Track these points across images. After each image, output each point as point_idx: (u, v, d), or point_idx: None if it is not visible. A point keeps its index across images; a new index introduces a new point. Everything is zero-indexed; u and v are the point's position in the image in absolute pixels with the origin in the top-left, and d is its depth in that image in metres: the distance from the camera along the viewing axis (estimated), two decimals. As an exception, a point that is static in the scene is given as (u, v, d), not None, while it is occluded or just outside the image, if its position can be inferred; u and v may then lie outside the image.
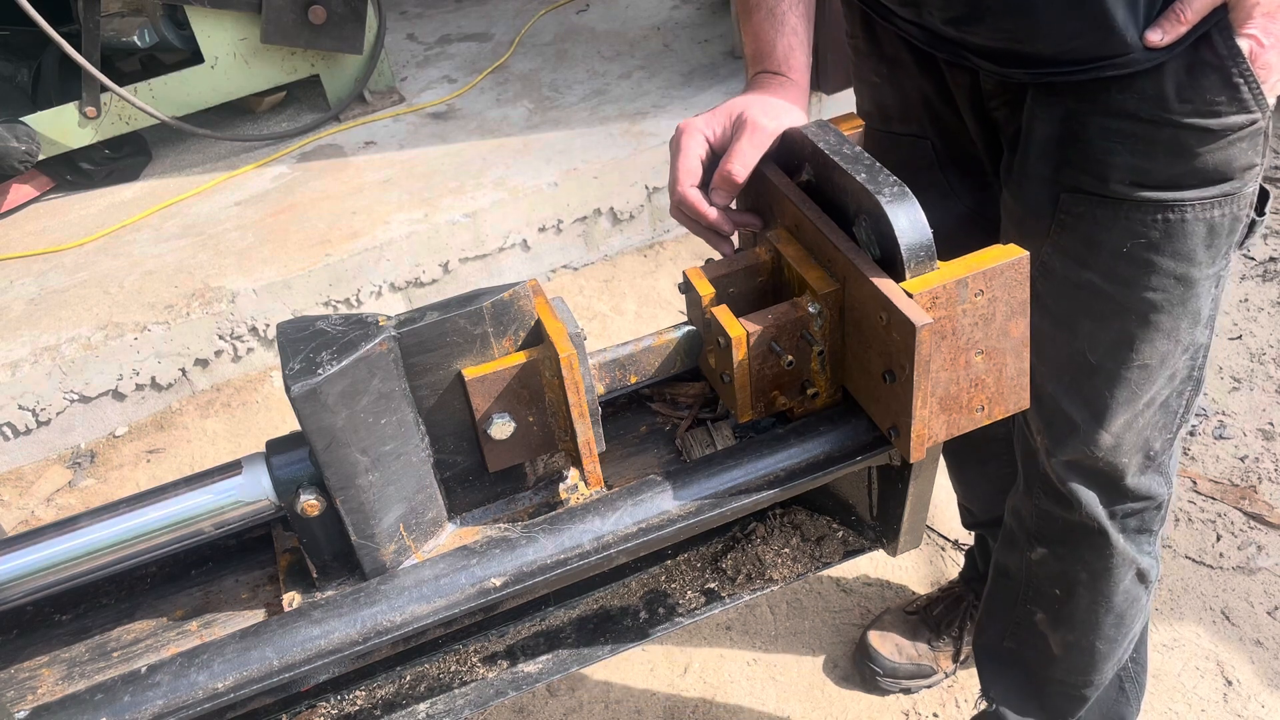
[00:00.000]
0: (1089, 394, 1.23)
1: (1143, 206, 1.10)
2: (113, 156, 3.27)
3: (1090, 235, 1.14)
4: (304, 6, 3.17)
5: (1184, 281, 1.13)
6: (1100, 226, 1.13)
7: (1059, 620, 1.47)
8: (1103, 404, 1.22)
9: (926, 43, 1.18)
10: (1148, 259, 1.12)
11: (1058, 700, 1.57)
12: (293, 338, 0.84)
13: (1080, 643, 1.47)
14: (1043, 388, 1.27)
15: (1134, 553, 1.38)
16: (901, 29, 1.20)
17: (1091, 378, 1.22)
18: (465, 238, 2.91)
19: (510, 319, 0.89)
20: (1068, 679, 1.53)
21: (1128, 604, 1.43)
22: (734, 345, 0.94)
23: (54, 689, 0.91)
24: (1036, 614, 1.49)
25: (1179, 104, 1.04)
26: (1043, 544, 1.42)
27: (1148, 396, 1.23)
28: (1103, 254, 1.14)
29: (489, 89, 3.58)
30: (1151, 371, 1.20)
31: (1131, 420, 1.24)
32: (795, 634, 2.04)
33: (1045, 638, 1.50)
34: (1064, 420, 1.26)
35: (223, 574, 1.01)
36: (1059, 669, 1.52)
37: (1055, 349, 1.23)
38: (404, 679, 1.11)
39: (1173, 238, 1.11)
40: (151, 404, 2.76)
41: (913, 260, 0.87)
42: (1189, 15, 0.99)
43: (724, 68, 3.48)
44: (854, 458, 0.99)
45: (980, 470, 1.77)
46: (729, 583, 1.16)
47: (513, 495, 0.99)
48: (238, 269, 2.80)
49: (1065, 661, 1.50)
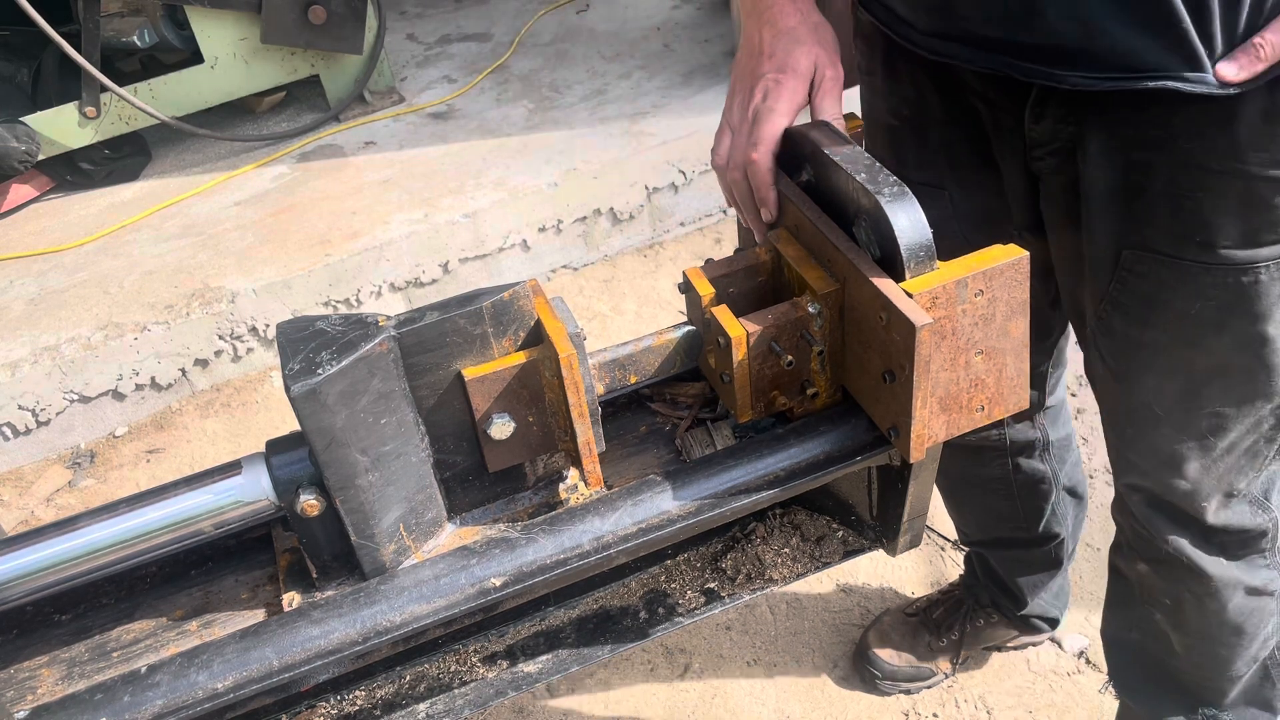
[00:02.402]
0: (1156, 442, 1.16)
1: (1213, 269, 1.00)
2: (113, 156, 3.27)
3: (1154, 295, 1.05)
4: (304, 6, 3.17)
5: (1259, 340, 1.04)
6: (1165, 287, 1.04)
7: (1174, 625, 1.40)
8: (1172, 452, 1.16)
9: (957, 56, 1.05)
10: (1218, 320, 1.03)
11: (1192, 692, 1.47)
12: (292, 338, 0.84)
13: (1199, 646, 1.40)
14: (1109, 433, 1.22)
15: (1239, 574, 1.29)
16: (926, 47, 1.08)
17: (1158, 428, 1.15)
18: (465, 238, 2.91)
19: (510, 319, 0.89)
20: (1195, 673, 1.45)
21: (1245, 616, 1.34)
22: (734, 345, 0.94)
23: (54, 689, 0.91)
24: (1155, 614, 1.41)
25: (1253, 154, 0.94)
26: (1143, 561, 1.36)
27: (1225, 443, 1.15)
28: (1168, 315, 1.05)
29: (489, 89, 3.58)
30: (1226, 420, 1.12)
31: (1207, 466, 1.16)
32: (795, 634, 2.04)
33: (1166, 634, 1.42)
34: (1130, 466, 1.22)
35: (223, 574, 1.01)
36: (1184, 664, 1.44)
37: (1116, 401, 1.18)
38: (404, 679, 1.11)
39: (1246, 299, 1.01)
40: (151, 404, 2.76)
41: (912, 260, 0.87)
42: (1268, 52, 0.88)
43: (724, 68, 3.48)
44: (854, 458, 0.99)
45: (979, 503, 1.75)
46: (729, 583, 1.16)
47: (513, 495, 0.99)
48: (238, 269, 2.80)
49: (1188, 659, 1.43)
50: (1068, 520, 1.74)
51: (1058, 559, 1.77)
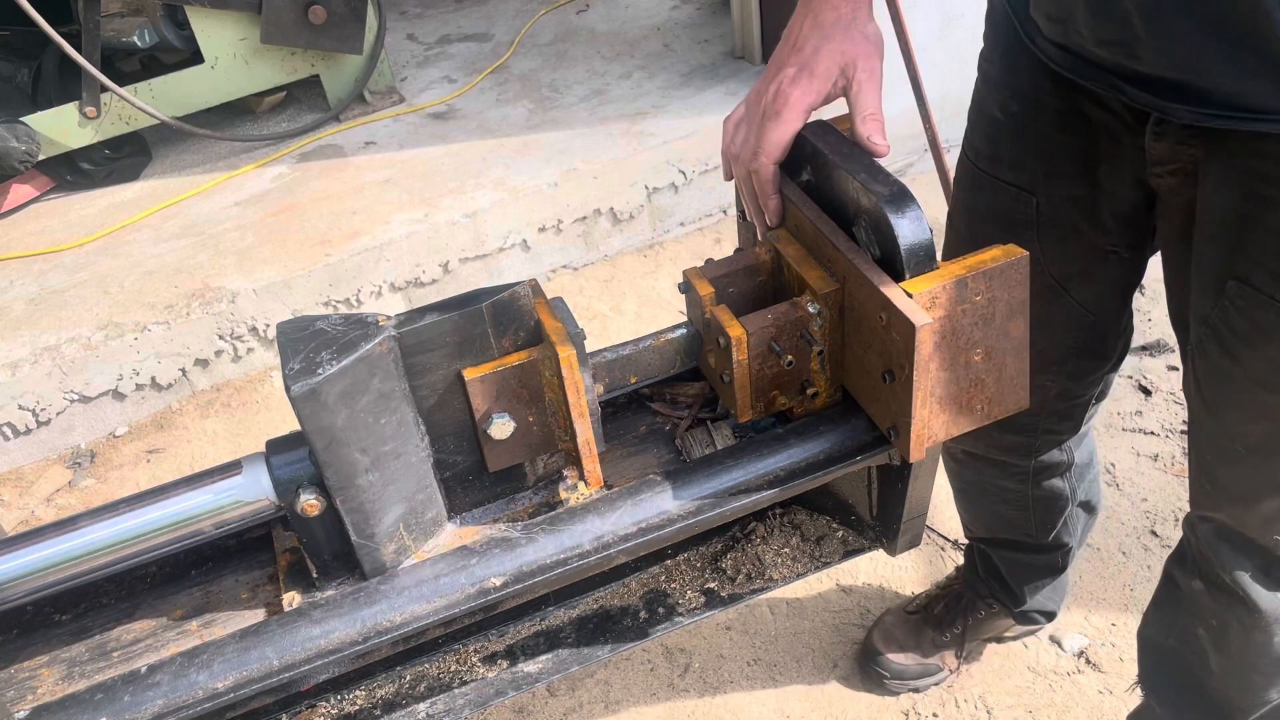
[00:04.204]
0: (1235, 476, 1.16)
1: None
2: (113, 156, 3.27)
3: (1250, 333, 1.02)
4: (304, 6, 3.17)
5: None
6: (1262, 328, 1.01)
7: (1216, 646, 1.39)
8: (1250, 488, 1.15)
9: (1073, 70, 1.03)
10: None
11: (1222, 710, 1.46)
12: (292, 338, 0.84)
13: (1237, 670, 1.40)
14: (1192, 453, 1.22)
15: None
16: (1048, 55, 1.06)
17: (1238, 464, 1.14)
18: (465, 238, 2.91)
19: (510, 319, 0.89)
20: (1226, 693, 1.44)
21: None
22: (734, 345, 0.94)
23: (54, 689, 0.91)
24: (1199, 629, 1.40)
25: None
26: (1200, 579, 1.35)
27: None
28: (1259, 358, 1.03)
29: (489, 89, 3.58)
30: None
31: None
32: (795, 634, 2.04)
33: (1206, 651, 1.41)
34: (1208, 492, 1.21)
35: (223, 574, 1.01)
36: (1218, 682, 1.43)
37: (1201, 428, 1.17)
38: (404, 679, 1.11)
39: None
40: (151, 404, 2.76)
41: (912, 260, 0.87)
42: None
43: (724, 68, 3.48)
44: (854, 458, 0.99)
45: (991, 511, 1.74)
46: (729, 583, 1.16)
47: (512, 495, 0.99)
48: (238, 269, 2.80)
49: (1223, 679, 1.42)
50: (1077, 531, 1.74)
51: (1062, 566, 1.78)
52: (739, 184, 1.07)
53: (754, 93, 1.06)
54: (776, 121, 1.00)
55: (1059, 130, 1.13)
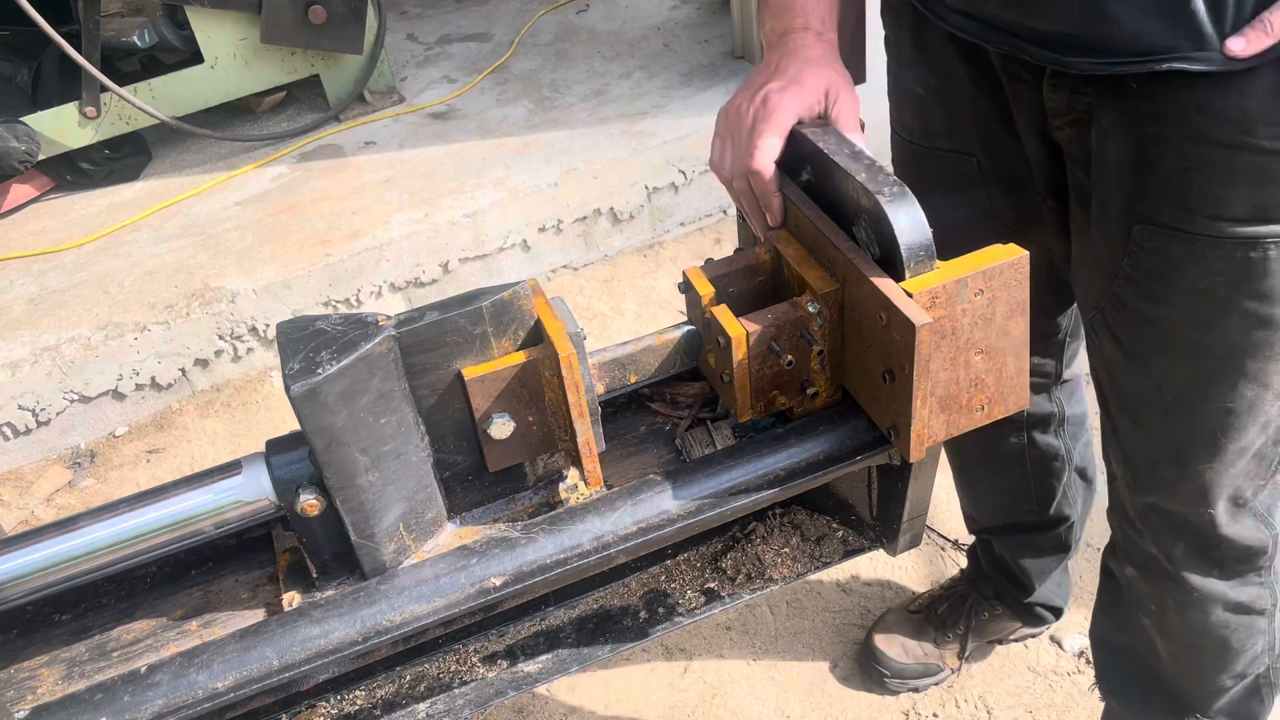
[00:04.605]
0: (1165, 435, 1.17)
1: (1222, 243, 1.01)
2: (113, 156, 3.27)
3: (1165, 271, 1.06)
4: (304, 6, 3.17)
5: (1267, 324, 1.05)
6: (1176, 262, 1.05)
7: (1161, 632, 1.41)
8: (1181, 448, 1.16)
9: (978, 35, 1.08)
10: (1227, 298, 1.04)
11: (1177, 699, 1.48)
12: (292, 337, 0.84)
13: (1184, 655, 1.41)
14: (1118, 420, 1.23)
15: (1224, 590, 1.30)
16: (953, 24, 1.11)
17: (1168, 417, 1.16)
18: (465, 238, 2.91)
19: (510, 319, 0.89)
20: (1180, 681, 1.46)
21: (1230, 632, 1.35)
22: (734, 345, 0.94)
23: (54, 689, 0.91)
24: (1142, 618, 1.42)
25: (1264, 127, 0.95)
26: (1131, 565, 1.37)
27: (1236, 445, 1.15)
28: (1178, 291, 1.06)
29: (489, 89, 3.58)
30: (1238, 417, 1.12)
31: (1219, 470, 1.16)
32: (795, 634, 2.04)
33: (1153, 640, 1.43)
34: (1141, 458, 1.22)
35: (223, 574, 1.01)
36: (1169, 670, 1.45)
37: (1129, 383, 1.18)
38: (404, 679, 1.11)
39: (1254, 276, 1.02)
40: (151, 404, 2.76)
41: (912, 260, 0.87)
42: (1277, 28, 0.89)
43: (724, 68, 3.48)
44: (854, 457, 0.99)
45: (991, 483, 1.75)
46: (729, 583, 1.16)
47: (512, 495, 0.99)
48: (238, 269, 2.80)
49: (1174, 666, 1.44)
50: (1078, 503, 1.75)
51: (1066, 543, 1.78)
52: (737, 196, 1.07)
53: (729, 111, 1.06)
54: (769, 122, 1.00)
55: (977, 94, 1.18)
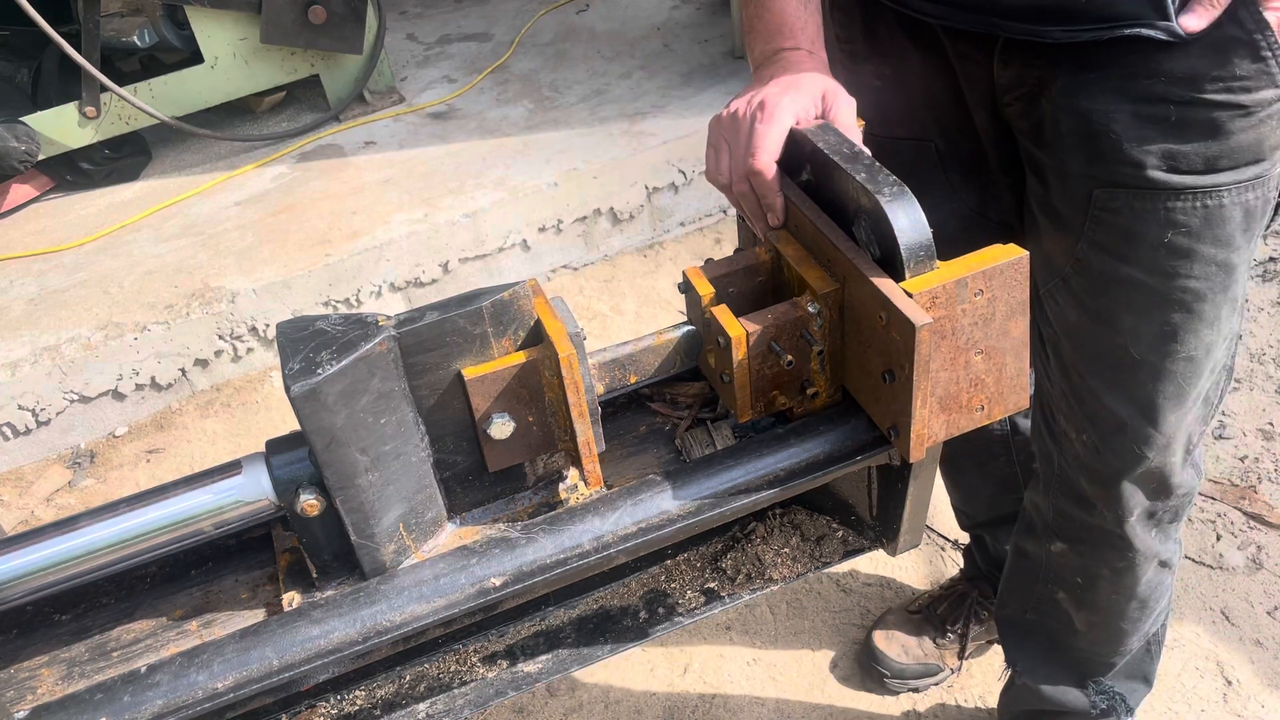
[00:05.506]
0: (1134, 391, 1.21)
1: (1182, 195, 1.08)
2: (113, 156, 3.27)
3: (1129, 229, 1.12)
4: (304, 6, 3.17)
5: (1224, 268, 1.13)
6: (1139, 219, 1.11)
7: (1081, 603, 1.47)
8: (1150, 401, 1.21)
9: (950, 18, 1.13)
10: (1189, 248, 1.11)
11: (1083, 666, 1.57)
12: (292, 337, 0.84)
13: (1103, 623, 1.47)
14: (1083, 385, 1.25)
15: (1157, 546, 1.37)
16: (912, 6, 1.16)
17: (1136, 373, 1.20)
18: (465, 238, 2.91)
19: (510, 319, 0.89)
20: (1091, 649, 1.53)
21: (1150, 590, 1.43)
22: (734, 345, 0.94)
23: (54, 689, 0.91)
24: (1058, 593, 1.49)
25: (1210, 83, 1.03)
26: (1062, 540, 1.42)
27: (1195, 392, 1.21)
28: (1143, 247, 1.12)
29: (489, 89, 3.58)
30: (1198, 364, 1.19)
31: (1181, 417, 1.22)
32: (795, 634, 2.04)
33: (1068, 614, 1.50)
34: (1111, 418, 1.24)
35: (223, 574, 1.01)
36: (1083, 640, 1.52)
37: (1095, 345, 1.22)
38: (404, 679, 1.11)
39: (1212, 224, 1.10)
40: (151, 404, 2.76)
41: (912, 260, 0.87)
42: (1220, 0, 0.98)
43: (724, 68, 3.48)
44: (854, 458, 0.99)
45: (979, 472, 1.76)
46: (729, 583, 1.16)
47: (512, 495, 0.99)
48: (238, 269, 2.80)
49: (1088, 635, 1.51)
50: None
51: None
52: (738, 200, 1.07)
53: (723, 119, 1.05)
54: (768, 123, 1.00)
55: (931, 78, 1.23)
